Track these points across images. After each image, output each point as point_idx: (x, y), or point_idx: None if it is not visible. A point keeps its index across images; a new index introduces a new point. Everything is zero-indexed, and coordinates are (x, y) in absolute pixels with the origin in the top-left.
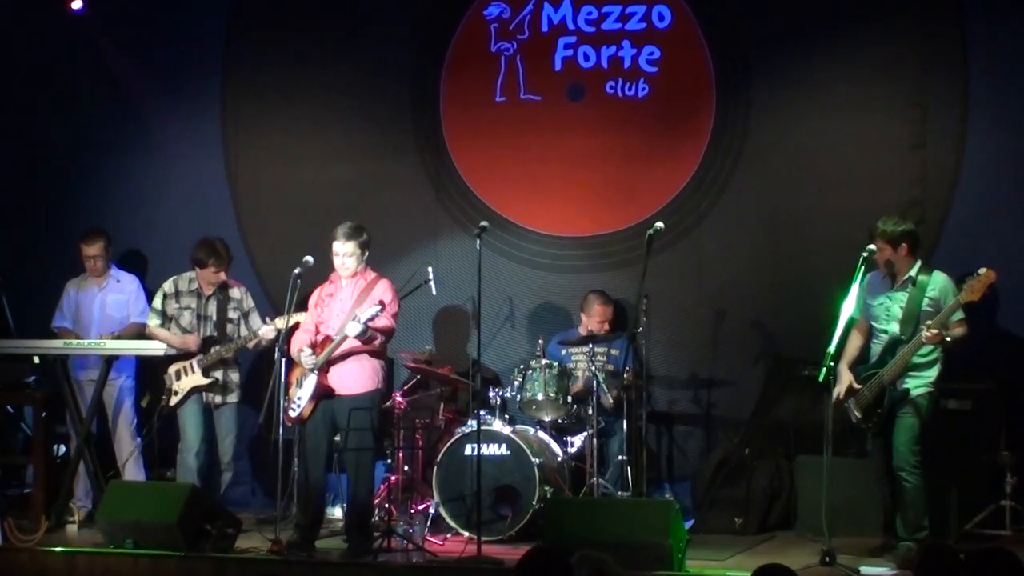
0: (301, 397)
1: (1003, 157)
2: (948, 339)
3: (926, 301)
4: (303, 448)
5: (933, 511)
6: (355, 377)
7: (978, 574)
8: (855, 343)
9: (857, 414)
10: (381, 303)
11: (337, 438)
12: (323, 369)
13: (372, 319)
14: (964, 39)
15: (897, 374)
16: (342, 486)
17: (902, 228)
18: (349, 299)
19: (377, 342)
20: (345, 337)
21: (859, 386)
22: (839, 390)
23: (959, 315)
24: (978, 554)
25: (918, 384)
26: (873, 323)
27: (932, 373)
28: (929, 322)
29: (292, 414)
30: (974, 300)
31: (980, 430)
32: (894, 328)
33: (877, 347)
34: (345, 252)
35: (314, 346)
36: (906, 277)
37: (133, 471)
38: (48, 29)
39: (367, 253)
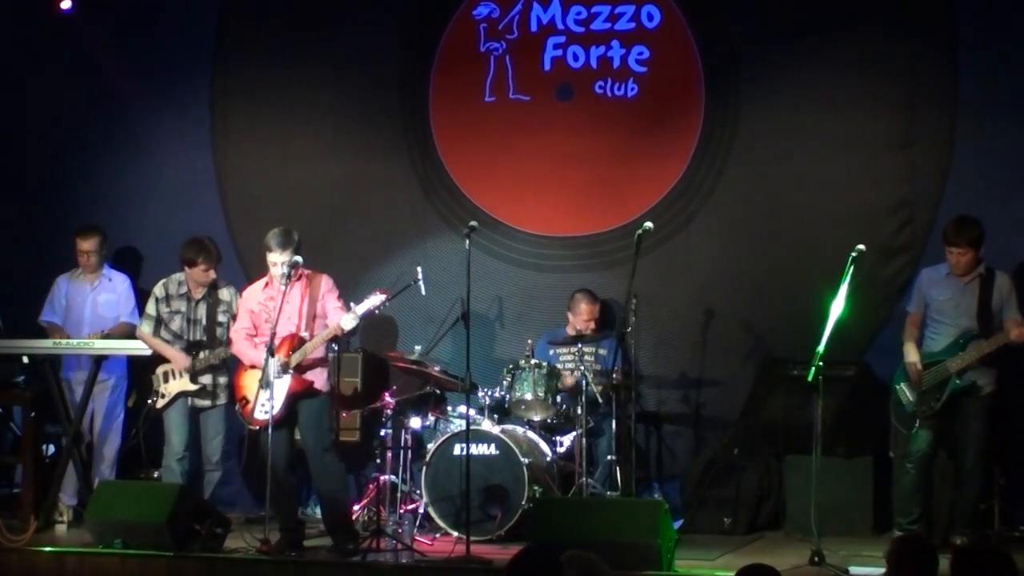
0: (272, 399)
1: (992, 157)
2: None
3: (996, 297)
4: (270, 450)
5: (925, 510)
6: (322, 377)
7: (970, 573)
8: (917, 332)
9: (910, 397)
10: (385, 294)
11: (298, 437)
12: (298, 370)
13: (369, 312)
14: (953, 39)
15: (966, 366)
16: None
17: (980, 229)
18: (298, 299)
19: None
20: (340, 331)
21: (922, 369)
22: (912, 360)
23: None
24: (971, 552)
25: (988, 382)
26: (938, 317)
27: (995, 368)
28: (1018, 319)
29: (262, 417)
30: None
31: None
32: (966, 323)
33: (941, 339)
34: (283, 261)
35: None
36: (975, 273)
37: (108, 475)
38: (37, 28)
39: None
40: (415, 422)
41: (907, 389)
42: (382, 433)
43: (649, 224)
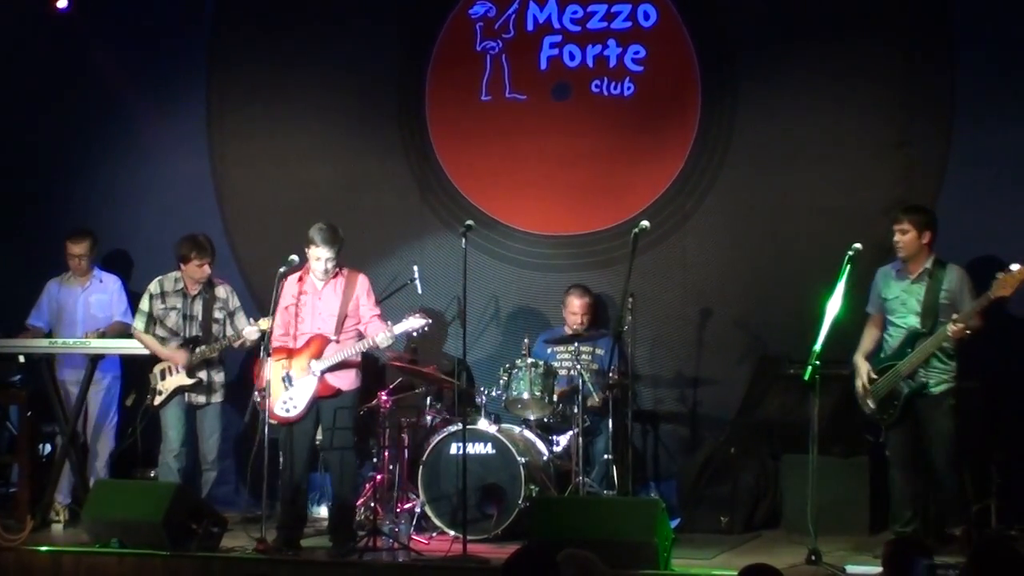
0: (294, 397)
1: (988, 156)
2: (968, 332)
3: (943, 294)
4: (289, 448)
5: (919, 511)
6: (345, 377)
7: (984, 565)
8: (871, 336)
9: (872, 405)
10: (426, 318)
11: (319, 436)
12: (323, 372)
13: (406, 334)
14: (950, 38)
15: (915, 366)
16: (326, 485)
17: (931, 217)
18: (333, 297)
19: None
20: (375, 346)
21: (875, 377)
22: (859, 382)
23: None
24: (985, 547)
25: (940, 380)
26: (889, 316)
27: (953, 366)
28: (955, 316)
29: (284, 414)
30: (1005, 296)
31: (966, 429)
32: (913, 321)
33: (893, 340)
34: (327, 257)
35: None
36: (922, 270)
37: (102, 474)
38: (33, 27)
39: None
40: (411, 421)
41: (868, 399)
42: (378, 432)
43: (645, 223)
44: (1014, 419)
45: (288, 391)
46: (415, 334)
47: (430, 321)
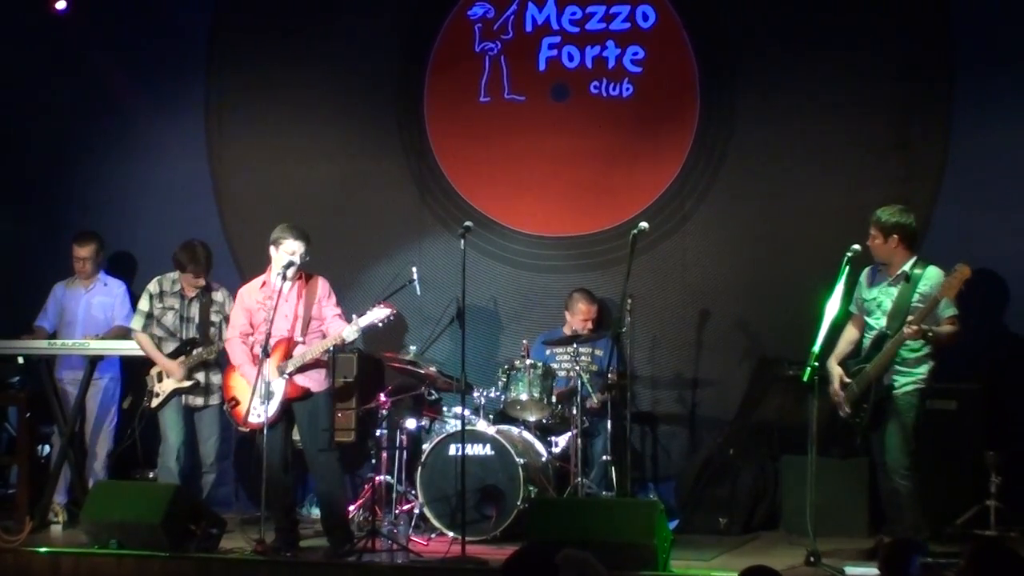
0: (267, 403)
1: (987, 157)
2: (931, 335)
3: (916, 296)
4: (272, 451)
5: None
6: (316, 377)
7: (982, 570)
8: (848, 337)
9: (847, 409)
10: (390, 308)
11: (296, 437)
12: (293, 375)
13: (372, 325)
14: (948, 39)
15: (881, 369)
16: None
17: (895, 220)
18: (296, 300)
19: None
20: (341, 341)
21: (848, 380)
22: (831, 387)
23: (950, 312)
24: (982, 551)
25: (907, 382)
26: (866, 318)
27: (922, 370)
28: (910, 317)
29: (256, 420)
30: (949, 296)
31: (965, 430)
32: (882, 323)
33: (867, 342)
34: (301, 252)
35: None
36: (900, 272)
37: (100, 475)
38: (32, 29)
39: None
40: (410, 422)
41: (843, 402)
42: (377, 433)
43: (644, 224)
44: (1014, 419)
45: (258, 397)
46: (380, 324)
47: (394, 309)
